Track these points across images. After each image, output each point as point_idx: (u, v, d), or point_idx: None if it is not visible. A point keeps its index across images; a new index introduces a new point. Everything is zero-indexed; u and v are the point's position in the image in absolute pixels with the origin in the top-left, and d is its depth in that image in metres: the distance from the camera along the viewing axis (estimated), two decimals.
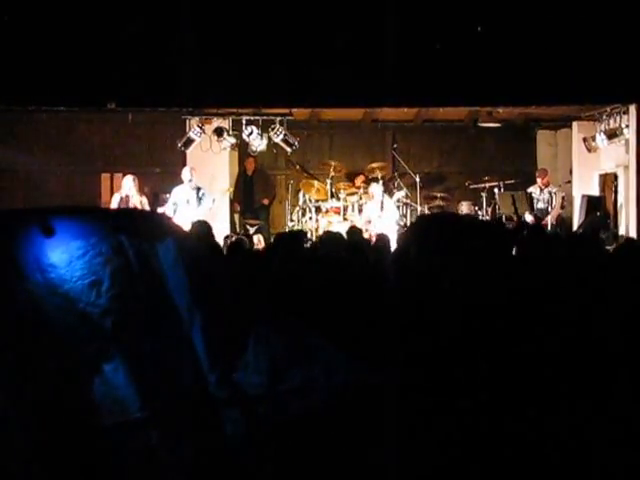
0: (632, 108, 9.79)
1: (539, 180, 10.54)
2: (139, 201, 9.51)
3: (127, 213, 5.16)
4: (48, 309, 2.74)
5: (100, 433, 2.63)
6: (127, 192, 9.59)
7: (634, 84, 9.10)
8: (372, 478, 2.96)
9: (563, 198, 10.64)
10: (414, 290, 3.82)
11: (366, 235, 9.96)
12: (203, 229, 6.32)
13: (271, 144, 10.51)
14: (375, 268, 5.21)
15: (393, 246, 6.13)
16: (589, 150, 10.81)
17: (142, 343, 2.84)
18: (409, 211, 10.79)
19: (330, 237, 5.73)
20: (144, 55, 8.59)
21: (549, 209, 10.36)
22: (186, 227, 9.06)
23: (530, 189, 10.61)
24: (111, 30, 8.48)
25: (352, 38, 8.66)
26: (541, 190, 10.48)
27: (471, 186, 11.27)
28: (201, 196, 9.78)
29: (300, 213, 10.91)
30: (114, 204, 9.53)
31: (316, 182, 11.07)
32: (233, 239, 7.87)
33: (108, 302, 2.83)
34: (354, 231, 7.32)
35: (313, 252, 5.85)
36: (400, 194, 10.73)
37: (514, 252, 4.72)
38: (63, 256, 2.84)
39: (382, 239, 6.91)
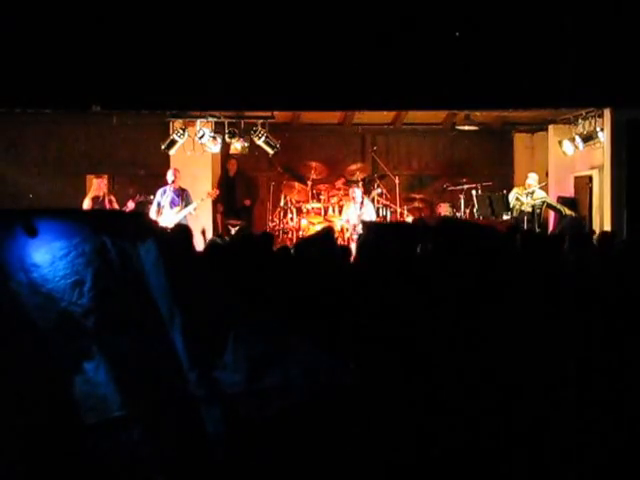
0: (607, 112, 9.95)
1: (532, 182, 10.66)
2: (109, 200, 9.68)
3: (109, 214, 5.20)
4: (31, 308, 2.80)
5: (82, 431, 2.69)
6: (98, 193, 9.74)
7: (608, 88, 9.25)
8: (351, 475, 3.05)
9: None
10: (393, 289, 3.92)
11: (347, 234, 10.16)
12: (182, 234, 6.32)
13: (253, 146, 10.62)
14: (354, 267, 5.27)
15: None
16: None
17: (123, 342, 2.89)
18: (389, 212, 10.92)
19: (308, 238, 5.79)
20: (129, 58, 8.61)
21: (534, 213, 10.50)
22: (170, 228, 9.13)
23: (516, 191, 10.77)
24: (96, 33, 8.50)
25: (332, 42, 8.74)
26: (528, 194, 10.63)
27: (449, 188, 11.41)
28: (185, 198, 9.90)
29: (281, 214, 11.02)
30: (86, 205, 9.64)
31: (297, 183, 11.18)
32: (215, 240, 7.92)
33: (90, 301, 2.88)
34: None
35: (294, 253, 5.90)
36: (375, 192, 10.88)
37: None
38: (46, 256, 2.89)
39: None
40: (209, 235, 9.84)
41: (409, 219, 10.59)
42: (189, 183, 10.32)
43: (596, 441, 3.37)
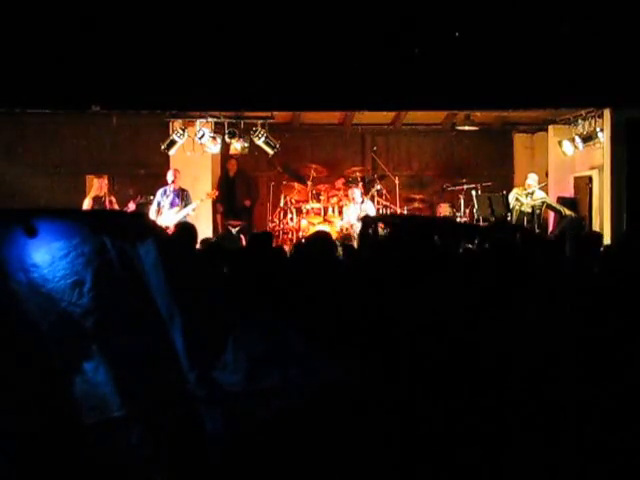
0: (607, 112, 9.96)
1: (532, 182, 10.67)
2: (109, 201, 9.72)
3: (109, 214, 5.22)
4: (31, 308, 2.80)
5: (82, 431, 2.70)
6: (98, 193, 9.78)
7: (608, 88, 9.25)
8: (350, 475, 3.06)
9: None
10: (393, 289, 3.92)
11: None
12: (186, 233, 6.33)
13: (253, 146, 10.63)
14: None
15: None
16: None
17: (123, 342, 2.91)
18: (389, 213, 10.93)
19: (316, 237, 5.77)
20: (128, 58, 8.62)
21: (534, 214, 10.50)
22: (170, 228, 9.17)
23: (516, 192, 10.78)
24: (96, 33, 8.51)
25: (332, 42, 8.75)
26: (528, 194, 10.64)
27: (449, 188, 11.43)
28: (185, 198, 9.92)
29: (281, 214, 11.03)
30: (86, 205, 9.68)
31: (297, 184, 11.19)
32: (210, 240, 7.94)
33: (90, 302, 2.89)
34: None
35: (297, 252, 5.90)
36: (375, 189, 10.92)
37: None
38: (46, 256, 2.90)
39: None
40: (209, 235, 9.87)
41: None
42: (189, 183, 10.34)
43: (599, 437, 3.38)
